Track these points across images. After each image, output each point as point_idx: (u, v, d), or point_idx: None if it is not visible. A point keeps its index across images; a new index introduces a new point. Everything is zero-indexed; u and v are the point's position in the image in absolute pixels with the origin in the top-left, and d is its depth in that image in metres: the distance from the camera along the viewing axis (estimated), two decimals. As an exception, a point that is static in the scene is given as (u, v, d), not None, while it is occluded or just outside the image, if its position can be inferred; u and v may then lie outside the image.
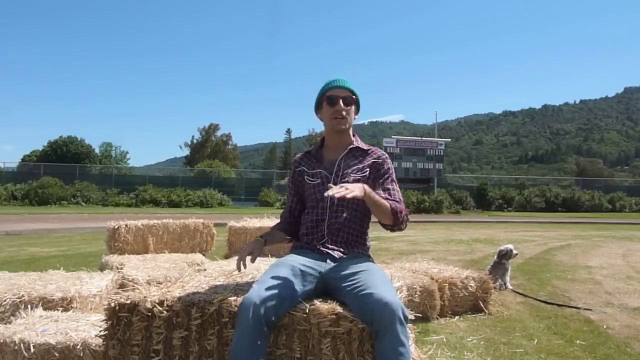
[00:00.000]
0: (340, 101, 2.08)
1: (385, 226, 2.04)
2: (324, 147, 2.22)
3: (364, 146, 2.19)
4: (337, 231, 2.06)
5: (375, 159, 2.14)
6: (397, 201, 2.03)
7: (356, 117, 2.20)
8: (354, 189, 1.79)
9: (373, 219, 2.12)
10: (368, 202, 1.93)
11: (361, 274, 1.82)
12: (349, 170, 2.10)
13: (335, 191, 1.74)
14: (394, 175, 2.15)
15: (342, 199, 1.78)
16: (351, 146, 2.16)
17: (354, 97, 2.13)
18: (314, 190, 2.12)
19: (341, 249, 2.03)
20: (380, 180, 2.09)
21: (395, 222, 2.00)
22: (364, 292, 1.70)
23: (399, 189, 2.13)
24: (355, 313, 1.72)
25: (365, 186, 1.88)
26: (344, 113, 2.09)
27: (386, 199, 2.01)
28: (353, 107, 2.14)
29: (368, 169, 2.11)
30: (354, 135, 2.21)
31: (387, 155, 2.19)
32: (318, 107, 2.19)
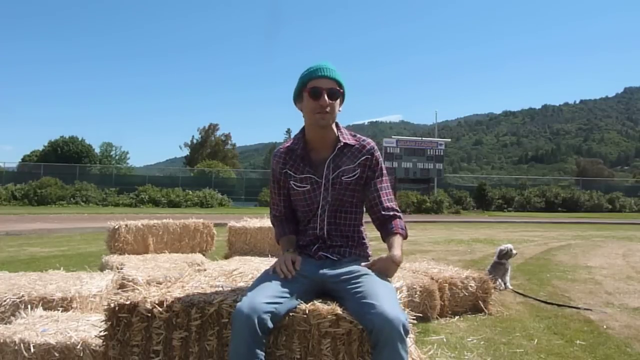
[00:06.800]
0: (325, 94, 1.83)
1: None
2: (308, 144, 1.99)
3: (351, 141, 1.98)
4: (332, 236, 1.98)
5: (365, 155, 1.97)
6: (396, 211, 2.00)
7: (340, 109, 1.96)
8: (389, 270, 1.87)
9: (367, 218, 2.06)
10: None
11: (363, 279, 1.78)
12: (339, 172, 1.95)
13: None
14: (384, 170, 2.04)
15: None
16: (339, 145, 1.95)
17: (340, 89, 1.89)
18: (303, 197, 1.98)
19: (339, 253, 1.97)
20: (373, 181, 1.99)
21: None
22: (365, 300, 1.66)
23: (388, 183, 2.04)
24: (355, 318, 1.70)
25: (393, 257, 1.86)
26: (328, 108, 1.85)
27: (380, 203, 1.99)
28: (338, 100, 1.90)
29: (359, 169, 1.96)
30: (338, 129, 1.98)
31: (375, 147, 2.01)
32: (298, 97, 1.94)
